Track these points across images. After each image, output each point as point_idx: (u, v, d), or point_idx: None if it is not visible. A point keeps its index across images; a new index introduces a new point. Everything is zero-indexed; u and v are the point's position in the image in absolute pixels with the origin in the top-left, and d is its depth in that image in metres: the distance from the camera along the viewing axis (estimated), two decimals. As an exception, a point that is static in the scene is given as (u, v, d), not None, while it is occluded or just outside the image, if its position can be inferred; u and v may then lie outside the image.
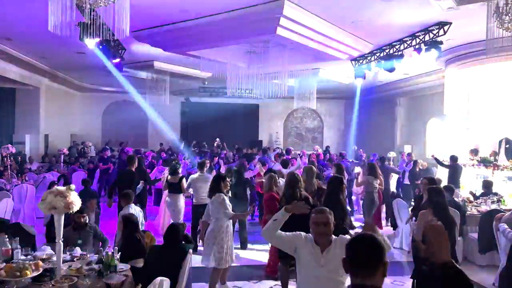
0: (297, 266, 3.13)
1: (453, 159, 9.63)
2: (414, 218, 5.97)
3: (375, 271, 1.85)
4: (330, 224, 3.03)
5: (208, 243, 5.23)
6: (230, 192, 6.20)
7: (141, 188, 7.69)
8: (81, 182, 7.81)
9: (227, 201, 5.28)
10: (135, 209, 5.83)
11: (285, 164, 9.09)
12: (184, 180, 7.65)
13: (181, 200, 7.61)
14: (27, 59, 11.94)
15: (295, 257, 3.13)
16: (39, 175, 10.59)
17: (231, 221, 5.43)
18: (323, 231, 3.00)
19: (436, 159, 10.41)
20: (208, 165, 8.49)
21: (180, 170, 7.99)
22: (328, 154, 14.12)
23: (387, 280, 5.88)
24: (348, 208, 7.58)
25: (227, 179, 5.66)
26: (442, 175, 9.87)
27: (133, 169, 7.45)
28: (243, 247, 7.34)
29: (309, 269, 2.98)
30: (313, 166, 7.07)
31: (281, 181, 6.58)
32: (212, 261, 5.16)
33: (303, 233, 3.14)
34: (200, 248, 7.24)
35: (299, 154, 13.34)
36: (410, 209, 8.05)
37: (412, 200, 9.90)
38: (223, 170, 10.06)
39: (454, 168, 9.50)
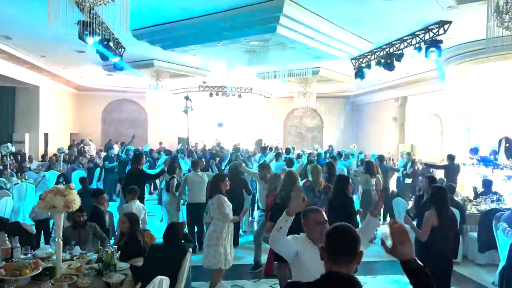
0: (297, 269, 3.00)
1: (450, 158, 9.64)
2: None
3: (351, 259, 1.99)
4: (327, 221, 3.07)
5: (210, 244, 5.20)
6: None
7: None
8: (79, 180, 7.74)
9: (227, 203, 5.21)
10: (138, 206, 5.83)
11: (290, 164, 9.04)
12: (174, 180, 7.58)
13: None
14: (27, 58, 11.93)
15: (290, 261, 3.01)
16: (38, 174, 10.58)
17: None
18: (325, 228, 2.99)
19: (426, 164, 10.42)
20: (203, 164, 8.38)
21: (178, 171, 7.95)
22: (327, 154, 14.10)
23: (387, 278, 5.89)
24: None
25: (226, 178, 5.62)
26: (442, 174, 9.88)
27: (141, 168, 7.40)
28: (235, 243, 7.34)
29: (314, 269, 2.92)
30: (318, 165, 7.05)
31: None
32: (219, 262, 5.15)
33: (297, 235, 3.08)
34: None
35: (298, 154, 13.31)
36: (409, 207, 8.06)
37: (411, 196, 9.94)
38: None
39: (451, 167, 9.51)
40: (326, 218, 3.04)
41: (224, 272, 5.38)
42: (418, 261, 1.87)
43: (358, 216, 5.66)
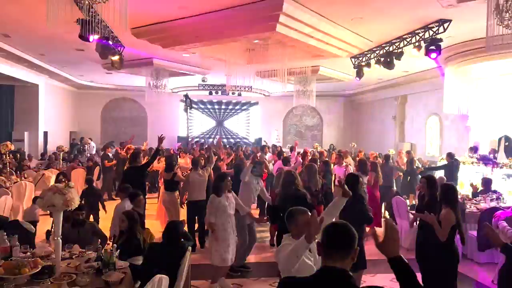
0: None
1: (450, 156, 9.64)
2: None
3: (346, 254, 2.05)
4: None
5: (210, 241, 5.34)
6: None
7: None
8: (85, 180, 7.79)
9: (217, 204, 5.25)
10: (130, 204, 5.83)
11: (286, 162, 9.04)
12: (178, 175, 7.60)
13: (177, 197, 7.57)
14: (26, 56, 11.91)
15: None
16: (38, 173, 10.58)
17: (233, 219, 5.42)
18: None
19: (427, 168, 10.41)
20: (202, 163, 8.37)
21: (176, 168, 7.94)
22: (327, 153, 14.08)
23: (386, 277, 5.89)
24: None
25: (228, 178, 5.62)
26: (442, 173, 9.89)
27: (140, 165, 7.33)
28: None
29: (306, 269, 2.95)
30: (314, 164, 7.04)
31: None
32: (214, 259, 5.22)
33: (287, 243, 3.03)
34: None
35: (299, 152, 13.30)
36: (409, 207, 8.06)
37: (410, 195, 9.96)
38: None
39: (451, 165, 9.52)
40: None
41: (223, 269, 5.38)
42: (404, 258, 1.96)
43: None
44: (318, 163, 8.45)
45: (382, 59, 9.44)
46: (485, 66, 9.84)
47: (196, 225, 7.41)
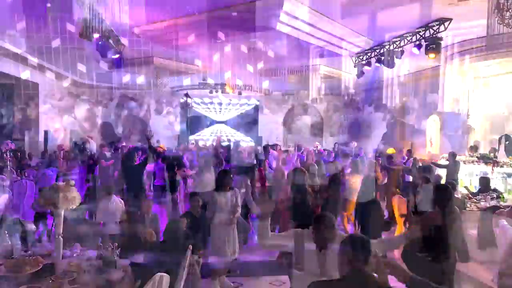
0: (296, 263, 3.15)
1: (453, 155, 9.62)
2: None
3: (367, 257, 2.28)
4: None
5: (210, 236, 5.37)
6: None
7: None
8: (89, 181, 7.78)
9: (214, 200, 5.27)
10: (114, 200, 5.86)
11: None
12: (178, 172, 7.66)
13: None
14: (26, 55, 11.89)
15: (292, 252, 3.16)
16: (38, 171, 10.56)
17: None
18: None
19: (433, 163, 10.41)
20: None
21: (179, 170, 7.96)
22: (328, 151, 14.06)
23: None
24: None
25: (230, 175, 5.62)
26: (442, 171, 9.87)
27: (135, 164, 7.31)
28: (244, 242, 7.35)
29: (310, 265, 2.98)
30: (314, 164, 7.04)
31: None
32: (215, 253, 5.25)
33: (299, 230, 3.19)
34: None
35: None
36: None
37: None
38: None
39: (453, 165, 9.50)
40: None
41: (222, 265, 5.38)
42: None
43: None
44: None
45: (382, 58, 9.45)
46: (485, 65, 9.83)
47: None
